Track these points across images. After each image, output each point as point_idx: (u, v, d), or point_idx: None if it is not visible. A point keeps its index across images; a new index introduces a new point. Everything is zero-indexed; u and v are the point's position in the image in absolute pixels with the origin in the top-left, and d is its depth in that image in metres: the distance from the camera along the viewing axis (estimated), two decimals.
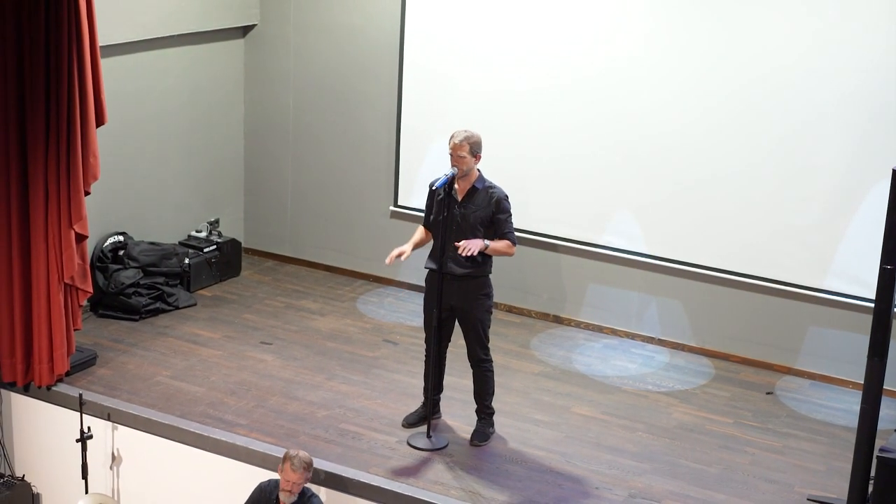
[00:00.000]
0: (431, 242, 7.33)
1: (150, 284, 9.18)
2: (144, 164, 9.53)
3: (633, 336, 9.18)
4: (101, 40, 7.70)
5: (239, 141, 10.48)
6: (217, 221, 10.13)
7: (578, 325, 9.36)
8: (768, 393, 8.36)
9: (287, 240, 10.53)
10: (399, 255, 7.20)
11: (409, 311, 9.48)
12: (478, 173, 7.14)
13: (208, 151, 10.18)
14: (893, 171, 6.14)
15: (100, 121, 7.69)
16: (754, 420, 7.92)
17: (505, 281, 8.95)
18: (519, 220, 7.75)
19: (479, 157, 7.09)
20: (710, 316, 8.92)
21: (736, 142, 8.45)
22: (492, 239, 7.09)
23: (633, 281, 9.10)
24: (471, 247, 6.93)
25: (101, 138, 7.85)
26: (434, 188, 7.12)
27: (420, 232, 7.46)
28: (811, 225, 8.34)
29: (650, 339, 9.11)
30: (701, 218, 8.69)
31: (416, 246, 7.38)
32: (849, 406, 8.11)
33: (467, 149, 6.99)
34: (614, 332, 9.24)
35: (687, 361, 8.83)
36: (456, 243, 6.98)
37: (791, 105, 8.23)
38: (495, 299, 7.46)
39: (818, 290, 8.43)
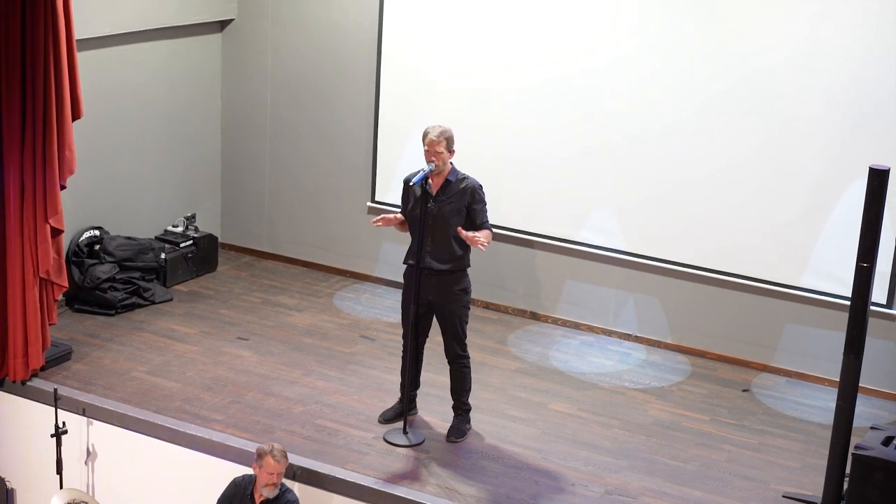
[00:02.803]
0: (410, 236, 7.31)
1: (126, 279, 9.14)
2: (121, 158, 9.48)
3: (609, 333, 9.18)
4: (78, 34, 7.66)
5: (216, 136, 10.44)
6: (194, 216, 10.09)
7: (555, 321, 9.36)
8: (744, 390, 8.38)
9: (264, 235, 10.50)
10: (386, 221, 7.17)
11: (386, 307, 9.47)
12: (451, 166, 7.14)
13: (185, 146, 10.14)
14: (870, 168, 6.18)
15: (76, 115, 7.64)
16: (730, 417, 7.94)
17: (482, 277, 8.94)
18: (497, 216, 7.75)
19: (454, 152, 7.09)
20: (686, 313, 8.93)
21: (715, 141, 8.46)
22: (468, 229, 7.06)
23: (611, 278, 9.10)
24: (481, 238, 6.93)
25: (78, 132, 7.81)
26: (411, 184, 7.10)
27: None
28: (789, 223, 8.36)
29: (627, 336, 9.12)
30: (679, 215, 8.70)
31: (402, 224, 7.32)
32: (824, 403, 8.14)
33: (444, 144, 6.99)
34: (591, 329, 9.24)
35: (663, 358, 8.84)
36: (468, 235, 6.95)
37: (771, 106, 8.24)
38: (472, 295, 7.46)
39: (795, 287, 8.45)
